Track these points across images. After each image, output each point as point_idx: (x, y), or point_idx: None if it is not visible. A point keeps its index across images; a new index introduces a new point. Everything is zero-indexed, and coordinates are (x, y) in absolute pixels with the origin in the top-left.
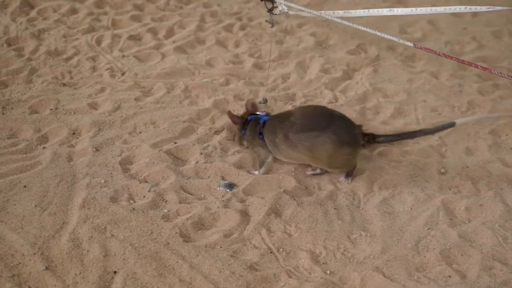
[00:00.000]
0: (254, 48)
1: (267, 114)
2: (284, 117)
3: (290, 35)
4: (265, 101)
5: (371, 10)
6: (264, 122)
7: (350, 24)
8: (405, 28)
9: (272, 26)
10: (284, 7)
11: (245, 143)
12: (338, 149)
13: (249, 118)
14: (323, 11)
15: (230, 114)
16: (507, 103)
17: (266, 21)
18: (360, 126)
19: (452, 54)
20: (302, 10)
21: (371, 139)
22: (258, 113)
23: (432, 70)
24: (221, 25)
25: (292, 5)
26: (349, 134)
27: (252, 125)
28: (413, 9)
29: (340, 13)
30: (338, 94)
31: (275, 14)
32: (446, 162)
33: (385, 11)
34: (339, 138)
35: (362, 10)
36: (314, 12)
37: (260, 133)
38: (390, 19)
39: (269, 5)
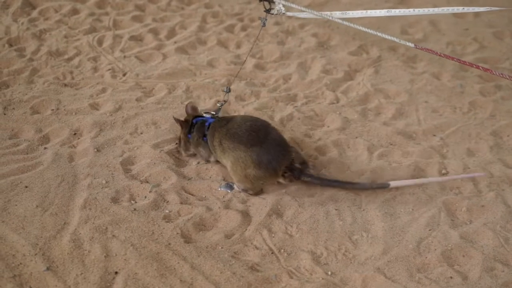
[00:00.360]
0: (255, 48)
1: (213, 116)
2: (225, 121)
3: (292, 35)
4: (227, 89)
5: (369, 11)
6: (209, 125)
7: (351, 25)
8: (406, 28)
9: (263, 26)
10: (282, 7)
11: (191, 148)
12: (254, 170)
13: (194, 121)
14: (321, 12)
15: (175, 119)
16: (508, 104)
17: (259, 18)
18: (290, 157)
19: (454, 55)
20: (301, 11)
21: (296, 174)
22: (205, 115)
23: (434, 71)
24: (223, 25)
25: (292, 5)
26: (272, 161)
27: (198, 128)
28: (411, 9)
29: (338, 14)
30: (340, 95)
31: (273, 14)
32: (447, 163)
33: (383, 12)
34: (259, 161)
35: (360, 11)
36: (313, 13)
37: (205, 136)
38: (391, 20)
39: (267, 6)
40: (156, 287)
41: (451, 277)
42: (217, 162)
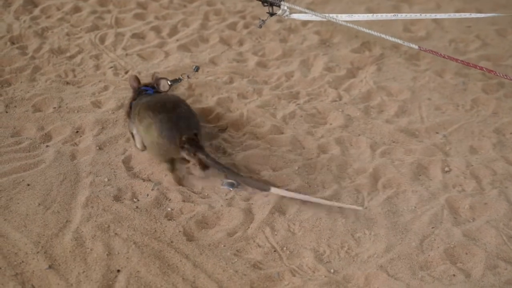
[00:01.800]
0: (258, 46)
1: (154, 90)
2: (151, 96)
3: (294, 33)
4: (196, 68)
5: (375, 15)
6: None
7: (355, 27)
8: (409, 26)
9: (260, 27)
10: (287, 11)
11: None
12: (157, 138)
13: (143, 88)
14: (327, 14)
15: (134, 78)
16: (511, 102)
17: (259, 18)
18: (192, 132)
19: (456, 53)
20: (306, 12)
21: (193, 150)
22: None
23: (437, 69)
24: (225, 23)
25: (296, 7)
26: (173, 130)
27: (140, 97)
28: (417, 14)
29: (344, 16)
30: (342, 93)
31: (277, 14)
32: (450, 160)
33: (389, 16)
34: (161, 128)
35: (366, 15)
36: (318, 15)
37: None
38: None
39: (271, 9)
40: (158, 285)
41: (454, 275)
42: (143, 148)
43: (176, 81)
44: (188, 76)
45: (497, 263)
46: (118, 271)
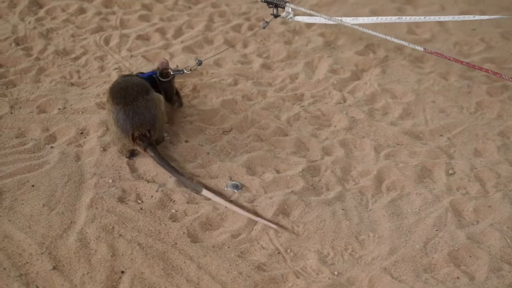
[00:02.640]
0: (262, 48)
1: (151, 75)
2: (127, 78)
3: (299, 35)
4: (199, 62)
5: (379, 17)
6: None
7: (360, 29)
8: (413, 28)
9: (263, 28)
10: (290, 13)
11: None
12: (113, 127)
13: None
14: (332, 17)
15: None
16: None
17: (263, 20)
18: (145, 128)
19: (461, 55)
20: (311, 14)
21: (145, 145)
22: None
23: (441, 71)
24: (230, 25)
25: (301, 8)
26: (127, 123)
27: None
28: (421, 17)
29: (349, 19)
30: (347, 95)
31: (281, 16)
32: (454, 163)
33: (393, 19)
34: (117, 119)
35: (371, 18)
36: (323, 17)
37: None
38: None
39: (275, 10)
40: (162, 287)
41: (457, 278)
42: None
43: (178, 71)
44: (190, 69)
45: (501, 266)
46: (122, 272)
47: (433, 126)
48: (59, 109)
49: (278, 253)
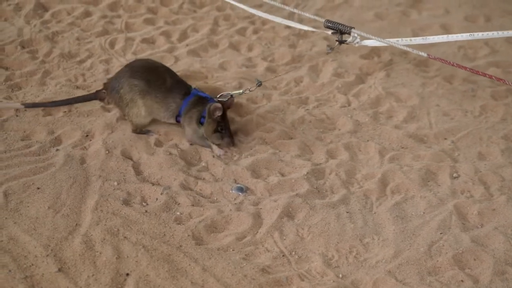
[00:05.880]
0: (267, 51)
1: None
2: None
3: (303, 39)
4: (259, 83)
5: (450, 36)
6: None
7: (410, 49)
8: (418, 32)
9: (328, 53)
10: (357, 38)
11: None
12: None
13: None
14: (400, 38)
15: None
16: None
17: (328, 46)
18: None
19: (465, 59)
20: (376, 40)
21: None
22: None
23: (445, 75)
24: (234, 28)
25: (371, 36)
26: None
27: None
28: (494, 32)
29: (419, 40)
30: (351, 98)
31: (346, 42)
32: (458, 166)
33: (464, 36)
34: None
35: (441, 36)
36: (389, 42)
37: None
38: (402, 24)
39: (341, 36)
40: None
41: (462, 281)
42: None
43: (238, 93)
44: (249, 90)
45: (505, 269)
46: (127, 274)
47: (437, 129)
48: (65, 112)
49: (283, 255)
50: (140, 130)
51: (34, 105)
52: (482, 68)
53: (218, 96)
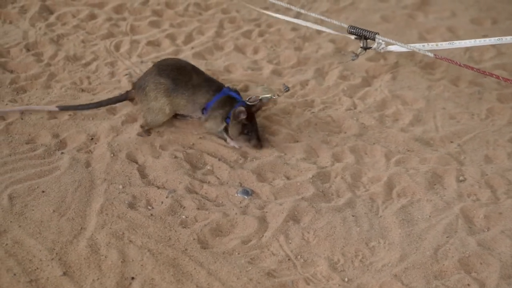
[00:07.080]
0: (272, 54)
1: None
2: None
3: (309, 41)
4: (286, 88)
5: (477, 40)
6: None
7: (396, 50)
8: (424, 34)
9: (353, 60)
10: (382, 43)
11: None
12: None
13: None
14: (426, 43)
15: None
16: None
17: (352, 52)
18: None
19: (471, 61)
20: (400, 46)
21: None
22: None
23: (452, 78)
24: (240, 31)
25: (397, 43)
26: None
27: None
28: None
29: (445, 44)
30: (357, 101)
31: (372, 48)
32: (465, 169)
33: (493, 40)
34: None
35: (468, 41)
36: (415, 48)
37: None
38: (408, 26)
39: (365, 43)
40: None
41: (468, 285)
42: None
43: (266, 98)
44: (278, 95)
45: None
46: (133, 278)
47: (443, 132)
48: (70, 115)
49: (288, 259)
50: (147, 130)
51: (68, 108)
52: (488, 70)
53: (247, 99)
